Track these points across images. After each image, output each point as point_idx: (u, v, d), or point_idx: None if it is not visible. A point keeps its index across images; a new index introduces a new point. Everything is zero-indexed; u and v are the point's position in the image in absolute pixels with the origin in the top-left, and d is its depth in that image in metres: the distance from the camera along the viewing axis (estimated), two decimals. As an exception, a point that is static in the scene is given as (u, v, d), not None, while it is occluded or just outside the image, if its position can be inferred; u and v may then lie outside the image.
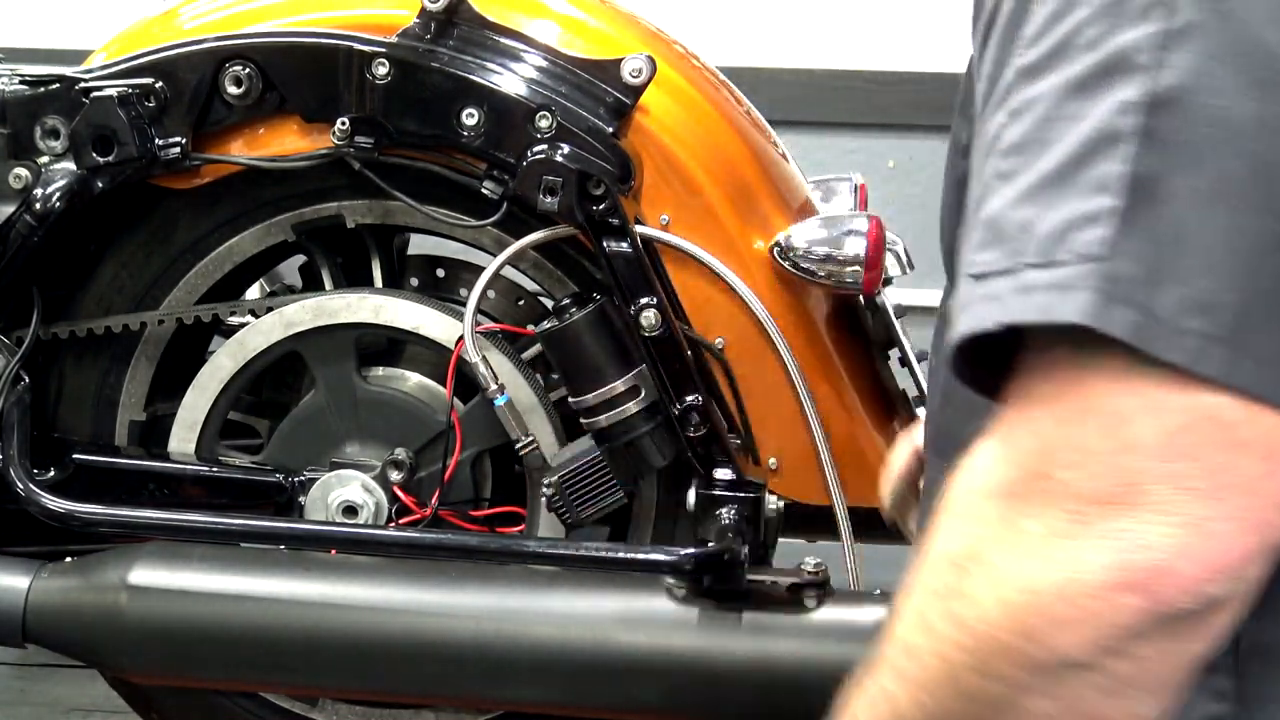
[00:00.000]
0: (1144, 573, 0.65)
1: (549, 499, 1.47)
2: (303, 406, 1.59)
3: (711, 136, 1.50)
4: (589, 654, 1.38)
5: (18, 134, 1.47)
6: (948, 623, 0.71)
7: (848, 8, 2.71)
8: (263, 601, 1.42)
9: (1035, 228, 0.69)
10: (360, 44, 1.43)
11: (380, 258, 1.62)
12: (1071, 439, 0.67)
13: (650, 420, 1.45)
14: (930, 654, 0.73)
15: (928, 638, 0.73)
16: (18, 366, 1.53)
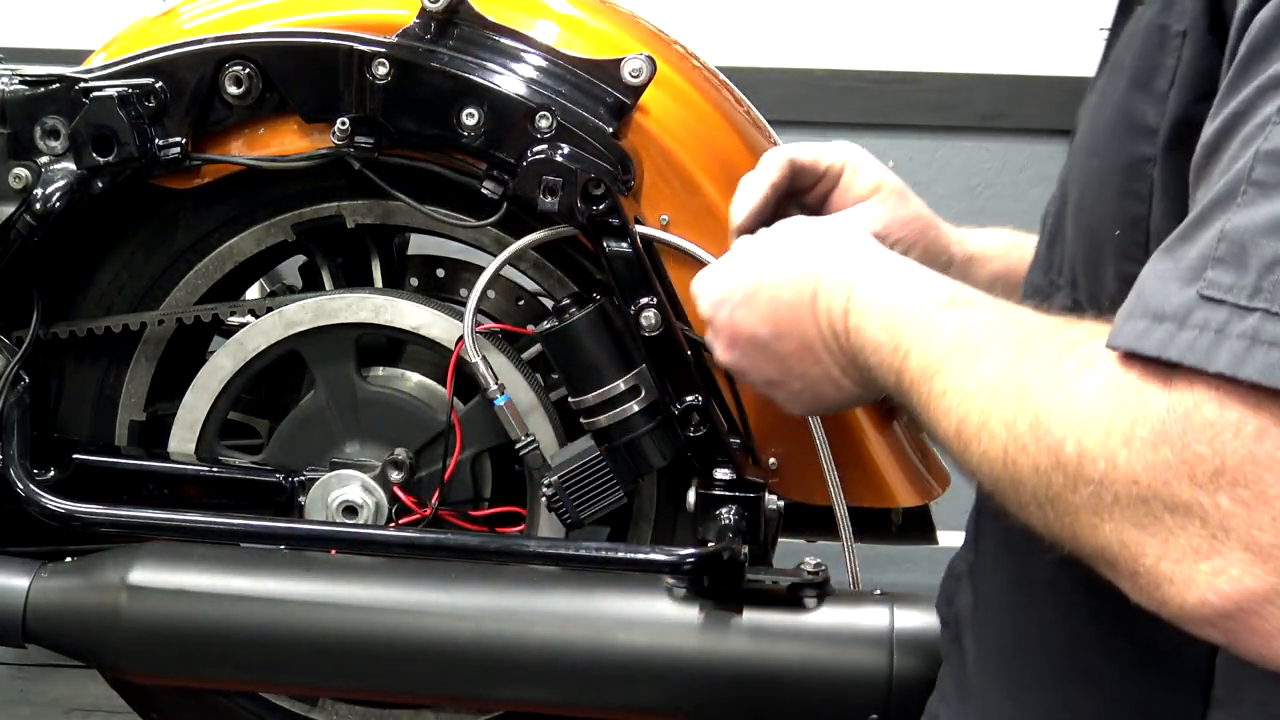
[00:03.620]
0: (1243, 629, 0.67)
1: (549, 499, 1.47)
2: (303, 406, 1.59)
3: (711, 136, 1.50)
4: (589, 654, 1.38)
5: (18, 134, 1.47)
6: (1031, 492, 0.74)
7: (847, 8, 2.71)
8: (263, 601, 1.42)
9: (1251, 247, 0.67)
10: (360, 44, 1.43)
11: (380, 258, 1.63)
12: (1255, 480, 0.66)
13: (650, 420, 1.45)
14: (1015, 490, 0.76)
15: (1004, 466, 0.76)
16: (18, 366, 1.53)
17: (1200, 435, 0.67)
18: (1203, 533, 0.67)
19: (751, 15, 2.71)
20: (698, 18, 2.60)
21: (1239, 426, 0.66)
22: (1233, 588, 0.66)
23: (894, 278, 0.97)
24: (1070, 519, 0.72)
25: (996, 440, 0.77)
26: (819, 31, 2.71)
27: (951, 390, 0.81)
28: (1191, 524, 0.67)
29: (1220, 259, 0.68)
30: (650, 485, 1.56)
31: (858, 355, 0.97)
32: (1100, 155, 0.88)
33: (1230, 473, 0.66)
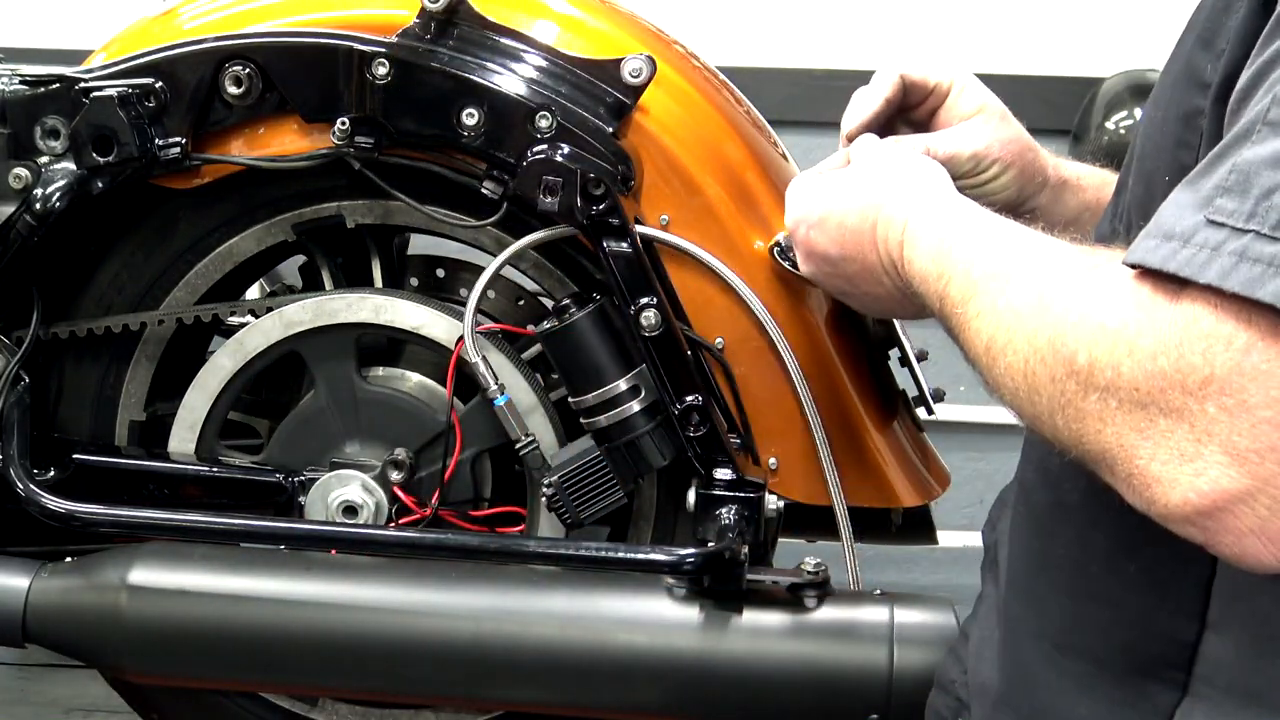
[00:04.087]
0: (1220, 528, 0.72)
1: (549, 499, 1.47)
2: (303, 406, 1.59)
3: (711, 136, 1.50)
4: (589, 654, 1.38)
5: (18, 134, 1.47)
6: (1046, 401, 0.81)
7: (847, 8, 2.71)
8: (263, 601, 1.42)
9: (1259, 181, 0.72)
10: (360, 44, 1.43)
11: (380, 258, 1.63)
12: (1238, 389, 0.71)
13: (650, 420, 1.45)
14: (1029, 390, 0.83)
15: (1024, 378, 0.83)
16: (18, 366, 1.53)
17: (1195, 346, 0.73)
18: (1190, 437, 0.73)
19: (751, 15, 2.71)
20: (698, 18, 2.60)
21: (1230, 339, 0.72)
22: (1211, 488, 0.72)
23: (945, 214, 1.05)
24: (1079, 425, 0.78)
25: (1019, 354, 0.83)
26: (819, 31, 2.71)
27: (985, 312, 0.88)
28: (1181, 428, 0.73)
29: (1228, 189, 0.74)
30: (650, 485, 1.56)
31: (910, 283, 1.06)
32: (1163, 107, 0.93)
33: (1218, 382, 0.72)
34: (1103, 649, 0.91)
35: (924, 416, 1.61)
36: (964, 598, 1.31)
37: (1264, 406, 0.71)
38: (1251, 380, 0.71)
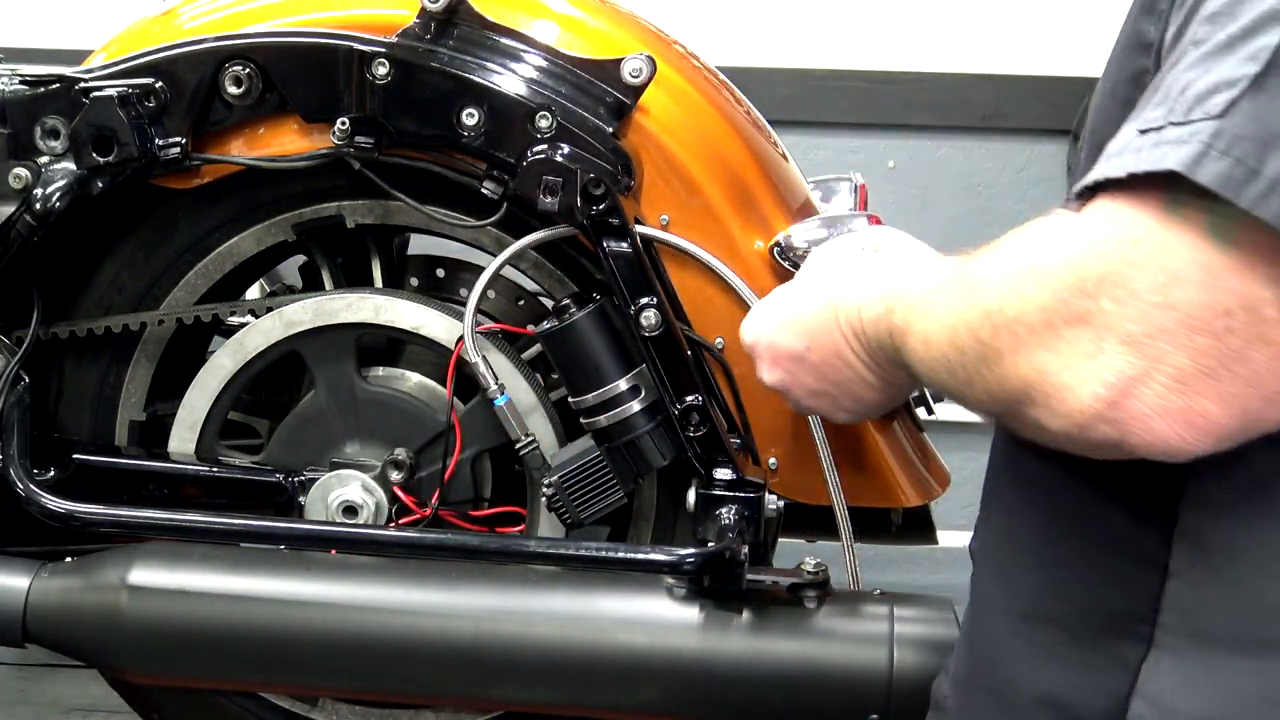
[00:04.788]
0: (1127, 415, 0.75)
1: (549, 499, 1.47)
2: (303, 406, 1.59)
3: (711, 136, 1.50)
4: (589, 654, 1.38)
5: (18, 134, 1.47)
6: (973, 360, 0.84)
7: (847, 8, 2.71)
8: (263, 601, 1.42)
9: (1189, 90, 0.75)
10: (360, 44, 1.43)
11: (380, 258, 1.63)
12: (1129, 279, 0.75)
13: (650, 420, 1.45)
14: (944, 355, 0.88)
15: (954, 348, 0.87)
16: (18, 366, 1.53)
17: (1092, 250, 0.77)
18: (1091, 336, 0.76)
19: (751, 15, 2.71)
20: (698, 18, 2.60)
21: (1122, 233, 0.76)
22: (1115, 377, 0.75)
23: (894, 264, 1.09)
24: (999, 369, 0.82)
25: (950, 330, 0.88)
26: (819, 31, 2.71)
27: (924, 315, 0.92)
28: (1084, 332, 0.76)
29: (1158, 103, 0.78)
30: (650, 485, 1.56)
31: (870, 344, 1.07)
32: (1111, 77, 0.95)
33: (1111, 276, 0.76)
34: (1070, 614, 0.92)
35: (924, 416, 1.61)
36: (964, 598, 1.30)
37: (1151, 291, 0.74)
38: (1139, 269, 0.75)
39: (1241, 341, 0.73)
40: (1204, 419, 0.74)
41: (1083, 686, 0.91)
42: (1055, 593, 0.94)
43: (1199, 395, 0.74)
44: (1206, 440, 0.76)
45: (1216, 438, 0.76)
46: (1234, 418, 0.75)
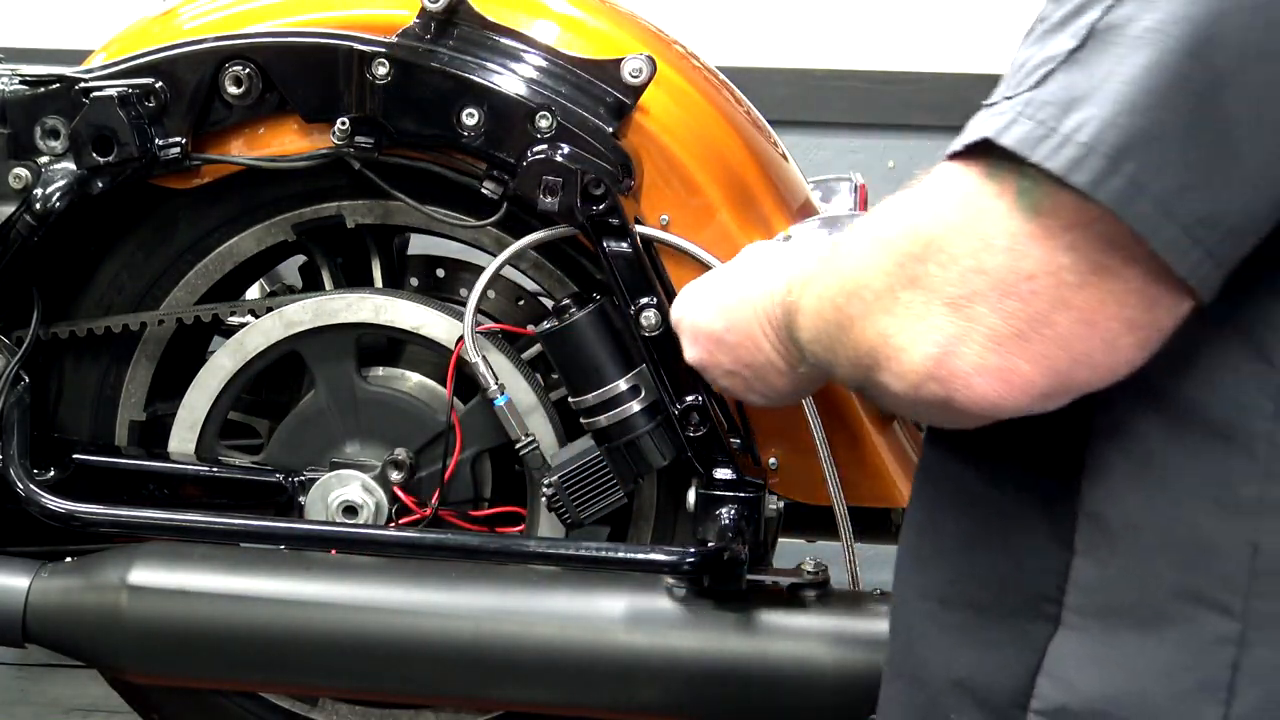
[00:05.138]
0: (949, 373, 0.79)
1: (549, 499, 1.47)
2: (303, 406, 1.59)
3: (711, 136, 1.50)
4: (589, 654, 1.38)
5: (18, 134, 1.47)
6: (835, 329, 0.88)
7: (847, 8, 2.71)
8: (263, 601, 1.42)
9: (1025, 66, 0.79)
10: (360, 44, 1.43)
11: (380, 258, 1.63)
12: (951, 244, 0.79)
13: (650, 420, 1.45)
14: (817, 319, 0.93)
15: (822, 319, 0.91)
16: (18, 366, 1.53)
17: (924, 217, 0.81)
18: (921, 300, 0.80)
19: (751, 15, 2.71)
20: (698, 18, 2.60)
21: (949, 201, 0.80)
22: (940, 337, 0.79)
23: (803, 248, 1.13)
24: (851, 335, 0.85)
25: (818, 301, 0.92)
26: (819, 31, 2.71)
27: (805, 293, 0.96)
28: (917, 295, 0.80)
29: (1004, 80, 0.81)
30: (650, 485, 1.56)
31: (778, 325, 1.10)
32: None
33: (937, 242, 0.80)
34: (982, 596, 0.93)
35: (924, 416, 1.61)
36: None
37: (967, 256, 0.78)
38: (959, 234, 0.79)
39: (1046, 305, 0.76)
40: (1018, 377, 0.78)
41: (992, 667, 0.92)
42: (968, 576, 0.95)
43: (1012, 355, 0.77)
44: (1024, 398, 0.79)
45: (1032, 396, 0.79)
46: (1046, 377, 0.78)
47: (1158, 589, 0.85)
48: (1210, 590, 0.83)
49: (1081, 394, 0.81)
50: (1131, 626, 0.85)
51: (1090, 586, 0.88)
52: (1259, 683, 0.82)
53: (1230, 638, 0.82)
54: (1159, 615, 0.84)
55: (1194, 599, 0.83)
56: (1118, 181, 0.74)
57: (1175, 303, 0.78)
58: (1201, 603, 0.83)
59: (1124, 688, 0.85)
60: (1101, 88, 0.75)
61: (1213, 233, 0.75)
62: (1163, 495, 0.84)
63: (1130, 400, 0.83)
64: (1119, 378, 0.80)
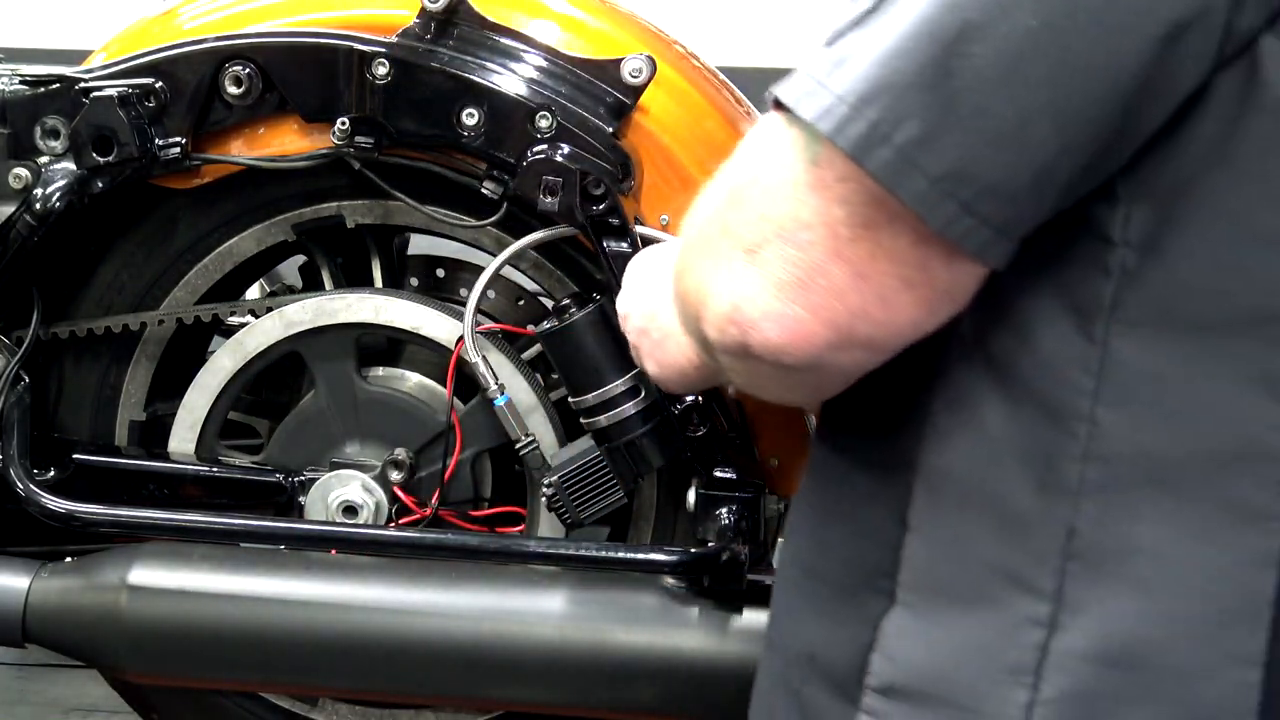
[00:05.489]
0: (744, 316, 0.80)
1: (549, 499, 1.47)
2: (303, 406, 1.59)
3: (712, 137, 1.50)
4: (589, 654, 1.38)
5: (18, 134, 1.47)
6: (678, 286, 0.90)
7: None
8: (263, 601, 1.42)
9: (836, 25, 0.81)
10: (360, 44, 1.43)
11: (380, 258, 1.62)
12: (749, 191, 0.81)
13: (650, 420, 1.45)
14: None
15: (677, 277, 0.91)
16: (18, 366, 1.53)
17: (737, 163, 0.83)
18: (728, 245, 0.81)
19: (751, 15, 2.71)
20: (698, 18, 2.59)
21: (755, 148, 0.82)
22: (737, 281, 0.80)
23: None
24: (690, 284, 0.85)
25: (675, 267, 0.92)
26: (819, 31, 2.71)
27: None
28: (725, 241, 0.81)
29: None
30: (650, 485, 1.56)
31: None
32: None
33: (740, 189, 0.82)
34: (833, 567, 0.94)
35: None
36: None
37: (759, 202, 0.80)
38: (756, 181, 0.80)
39: (822, 255, 0.77)
40: (801, 326, 0.78)
41: (836, 641, 0.92)
42: (823, 548, 0.95)
43: (793, 303, 0.78)
44: (808, 347, 0.79)
45: (816, 345, 0.79)
46: (826, 327, 0.79)
47: (978, 567, 0.84)
48: (1025, 571, 0.82)
49: (877, 349, 0.82)
50: (953, 604, 0.85)
51: (919, 563, 0.87)
52: (1065, 669, 0.81)
53: (1041, 620, 0.82)
54: (978, 594, 0.84)
55: (1010, 579, 0.83)
56: (858, 128, 0.75)
57: (947, 262, 0.77)
58: (1017, 584, 0.82)
59: (943, 666, 0.85)
60: (868, 42, 0.77)
61: (965, 188, 0.74)
62: (992, 472, 0.83)
63: (969, 374, 0.84)
64: (907, 336, 0.81)
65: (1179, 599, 0.80)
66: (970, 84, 0.73)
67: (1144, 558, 0.80)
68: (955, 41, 0.73)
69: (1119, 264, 0.79)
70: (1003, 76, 0.73)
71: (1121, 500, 0.81)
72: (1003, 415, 0.83)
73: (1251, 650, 0.79)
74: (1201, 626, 0.80)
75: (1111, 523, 0.81)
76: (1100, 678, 0.81)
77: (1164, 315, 0.79)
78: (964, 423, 0.85)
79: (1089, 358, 0.80)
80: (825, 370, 0.82)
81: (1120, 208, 0.78)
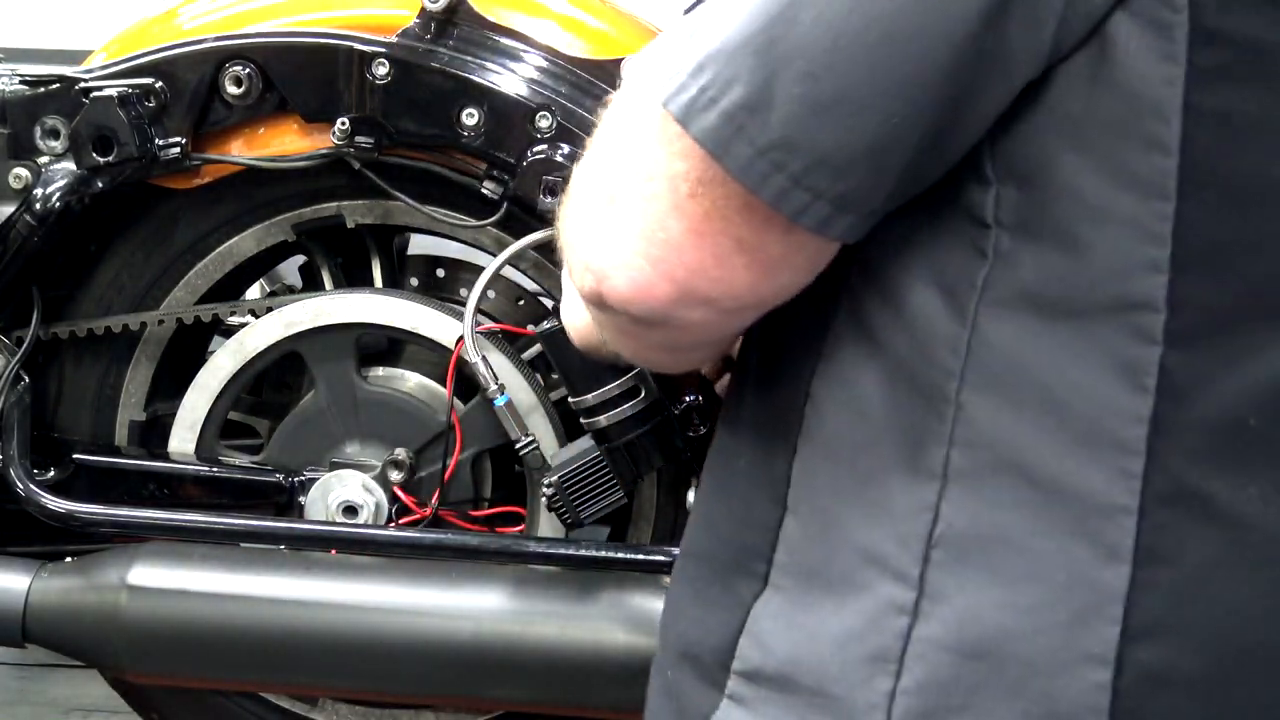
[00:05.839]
0: (600, 266, 0.80)
1: (549, 499, 1.47)
2: (303, 406, 1.59)
3: (711, 136, 1.50)
4: (589, 654, 1.38)
5: (18, 134, 1.47)
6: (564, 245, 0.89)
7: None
8: (263, 601, 1.42)
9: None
10: (360, 44, 1.43)
11: (380, 258, 1.63)
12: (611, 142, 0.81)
13: (650, 420, 1.45)
14: None
15: None
16: (18, 366, 1.53)
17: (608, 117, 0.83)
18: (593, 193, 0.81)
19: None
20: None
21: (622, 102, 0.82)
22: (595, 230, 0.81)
23: None
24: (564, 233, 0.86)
25: None
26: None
27: None
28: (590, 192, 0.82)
29: None
30: (650, 485, 1.56)
31: None
32: None
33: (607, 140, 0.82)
34: (713, 549, 0.93)
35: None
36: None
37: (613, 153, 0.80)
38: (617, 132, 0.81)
39: (663, 209, 0.78)
40: (643, 278, 0.79)
41: (707, 623, 0.91)
42: (708, 529, 0.95)
43: (637, 255, 0.79)
44: (651, 300, 0.80)
45: (658, 299, 0.79)
46: (666, 281, 0.79)
47: (846, 551, 0.83)
48: (891, 556, 0.81)
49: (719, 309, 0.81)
50: (821, 588, 0.84)
51: (793, 545, 0.86)
52: (926, 657, 0.80)
53: (905, 607, 0.80)
54: (844, 579, 0.83)
55: (876, 564, 0.82)
56: (688, 95, 0.75)
57: (784, 232, 0.77)
58: (883, 568, 0.81)
59: (808, 652, 0.84)
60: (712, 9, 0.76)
61: (794, 160, 0.74)
62: (864, 452, 0.83)
63: (850, 352, 0.83)
64: (746, 298, 0.81)
65: (1037, 591, 0.79)
66: (795, 50, 0.73)
67: (1004, 547, 0.79)
68: (783, 9, 0.73)
69: (993, 245, 0.78)
70: (827, 45, 0.72)
71: (984, 487, 0.79)
72: (879, 394, 0.82)
73: (1104, 649, 0.78)
74: (1057, 621, 0.78)
75: (974, 510, 0.80)
76: (958, 668, 0.79)
77: (1032, 298, 0.78)
78: (842, 401, 0.84)
79: (958, 339, 0.79)
80: (675, 326, 0.82)
81: (991, 188, 0.77)
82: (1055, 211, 0.76)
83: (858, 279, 0.82)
